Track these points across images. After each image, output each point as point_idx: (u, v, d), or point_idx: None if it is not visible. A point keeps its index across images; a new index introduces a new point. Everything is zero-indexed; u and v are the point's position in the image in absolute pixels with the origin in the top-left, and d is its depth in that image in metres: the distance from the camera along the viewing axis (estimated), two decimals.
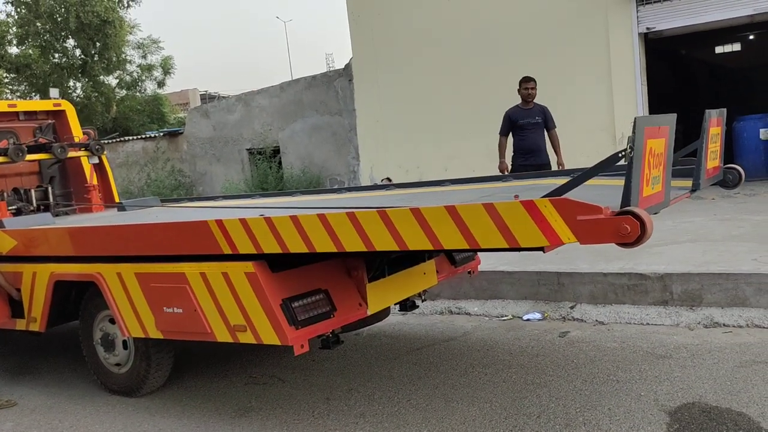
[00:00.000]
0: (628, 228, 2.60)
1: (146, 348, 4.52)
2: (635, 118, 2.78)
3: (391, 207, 3.19)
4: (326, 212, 3.31)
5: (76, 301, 4.88)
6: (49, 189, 6.82)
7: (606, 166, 2.88)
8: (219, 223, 3.67)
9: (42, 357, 6.12)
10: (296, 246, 3.40)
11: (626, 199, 2.71)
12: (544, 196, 2.78)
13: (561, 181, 4.65)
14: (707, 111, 3.98)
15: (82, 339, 4.90)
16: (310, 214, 3.35)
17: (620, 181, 2.83)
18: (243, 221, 3.57)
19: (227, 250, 3.66)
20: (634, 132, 2.73)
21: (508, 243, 2.83)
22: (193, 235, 3.84)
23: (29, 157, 6.40)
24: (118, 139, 19.09)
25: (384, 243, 3.15)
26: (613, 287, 5.83)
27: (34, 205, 6.58)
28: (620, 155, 2.81)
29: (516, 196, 2.92)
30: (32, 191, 6.64)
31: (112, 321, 4.60)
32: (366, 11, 13.71)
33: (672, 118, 3.22)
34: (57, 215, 6.43)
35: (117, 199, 7.30)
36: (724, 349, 4.58)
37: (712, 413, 3.61)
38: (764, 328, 4.93)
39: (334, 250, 3.30)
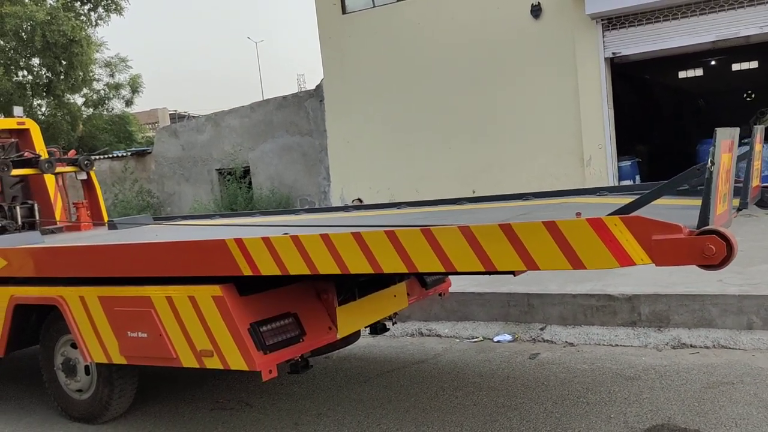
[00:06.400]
0: (713, 249, 2.39)
1: (109, 373, 4.39)
2: (715, 130, 2.55)
3: (436, 225, 2.92)
4: (361, 230, 3.07)
5: (37, 325, 4.73)
6: (35, 206, 6.60)
7: (682, 183, 2.70)
8: (239, 242, 3.39)
9: (0, 383, 5.92)
10: (327, 267, 3.14)
11: (704, 217, 2.49)
12: (611, 214, 2.56)
13: (583, 200, 4.64)
14: (755, 126, 3.75)
15: (43, 364, 4.74)
16: (342, 233, 3.10)
17: (666, 200, 2.68)
18: (266, 240, 3.29)
19: (248, 272, 3.39)
20: (714, 145, 2.52)
21: (572, 265, 2.59)
22: (212, 254, 3.54)
23: (15, 172, 6.22)
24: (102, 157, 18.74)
25: (428, 263, 2.88)
26: (582, 308, 5.86)
27: (19, 223, 6.35)
28: (699, 170, 2.61)
29: (578, 214, 2.73)
30: (17, 208, 6.36)
31: (74, 346, 4.46)
32: (337, 33, 13.79)
33: (736, 131, 2.98)
34: (43, 233, 6.21)
35: (106, 217, 7.11)
36: (691, 370, 4.62)
37: None
38: (730, 348, 4.99)
39: (371, 271, 3.04)
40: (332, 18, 13.85)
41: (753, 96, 21.72)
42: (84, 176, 6.92)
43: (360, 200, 12.68)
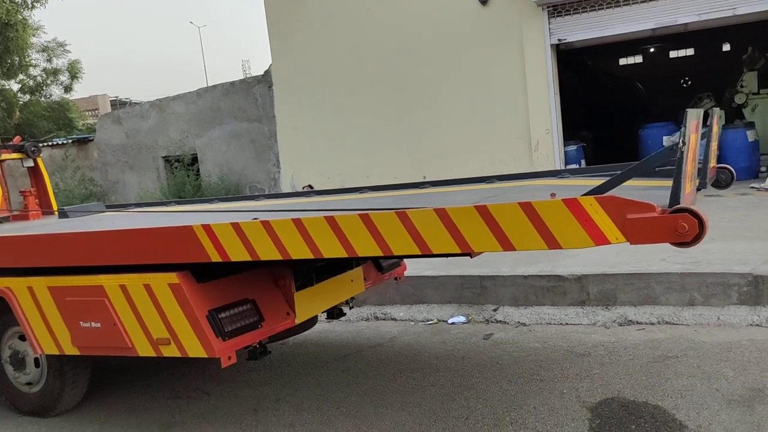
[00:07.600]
0: (685, 226, 2.47)
1: (60, 365, 4.30)
2: (686, 110, 2.62)
3: (410, 208, 2.89)
4: (333, 214, 3.02)
5: None
6: None
7: (654, 163, 2.76)
8: (207, 228, 3.31)
9: None
10: (299, 252, 3.09)
11: (675, 196, 2.55)
12: (586, 194, 2.60)
13: (548, 182, 4.69)
14: (712, 109, 3.81)
15: None
16: (315, 217, 3.05)
17: (629, 182, 2.75)
18: (236, 225, 3.25)
19: (216, 258, 3.32)
20: (685, 125, 2.58)
21: (548, 245, 2.62)
22: (178, 241, 3.44)
23: None
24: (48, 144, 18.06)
25: (404, 247, 2.86)
26: (533, 289, 6.00)
27: None
28: (670, 150, 2.66)
29: (553, 195, 2.75)
30: None
31: (23, 338, 4.35)
32: (286, 17, 13.62)
33: (699, 113, 3.01)
34: None
35: (55, 205, 6.87)
36: (638, 345, 4.80)
37: (630, 407, 3.77)
38: (673, 324, 5.20)
39: (345, 255, 3.00)
40: (280, 2, 13.68)
41: (690, 83, 22.48)
42: (31, 163, 6.69)
43: (311, 186, 12.61)
